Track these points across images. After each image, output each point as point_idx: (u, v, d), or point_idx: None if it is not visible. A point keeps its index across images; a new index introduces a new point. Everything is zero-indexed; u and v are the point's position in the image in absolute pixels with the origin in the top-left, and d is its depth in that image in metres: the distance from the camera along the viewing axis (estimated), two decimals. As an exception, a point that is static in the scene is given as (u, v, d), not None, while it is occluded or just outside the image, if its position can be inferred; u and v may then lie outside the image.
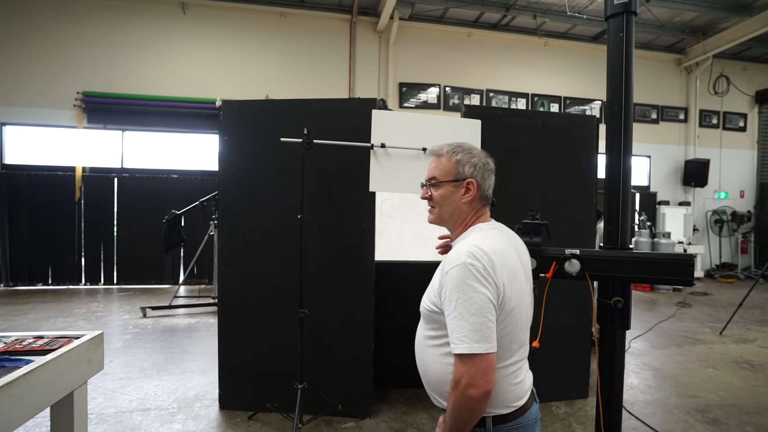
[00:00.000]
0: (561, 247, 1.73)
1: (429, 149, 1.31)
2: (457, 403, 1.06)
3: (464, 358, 1.04)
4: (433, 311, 1.16)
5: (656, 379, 3.64)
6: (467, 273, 1.07)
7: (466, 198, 1.23)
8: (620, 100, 1.74)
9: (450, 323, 1.07)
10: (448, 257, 1.15)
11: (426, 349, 1.21)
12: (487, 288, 1.07)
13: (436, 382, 1.18)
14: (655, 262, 1.67)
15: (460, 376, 1.05)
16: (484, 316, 1.05)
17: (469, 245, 1.11)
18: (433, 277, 1.23)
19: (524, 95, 8.83)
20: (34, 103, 6.99)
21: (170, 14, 7.46)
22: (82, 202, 7.04)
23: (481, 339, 1.04)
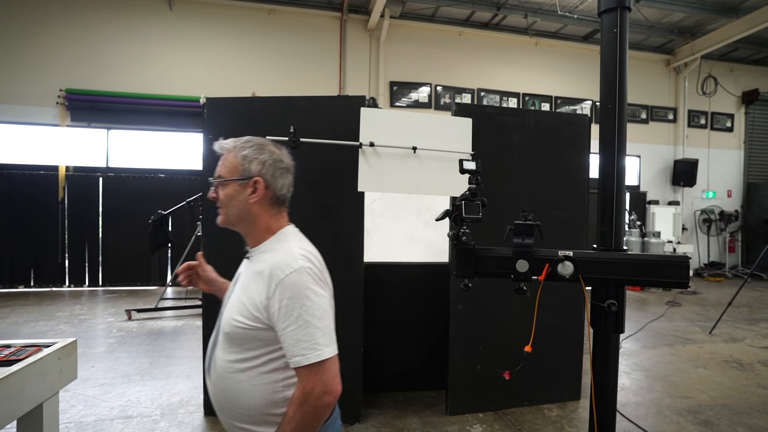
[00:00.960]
0: (554, 249, 1.68)
1: (217, 144, 1.15)
2: (307, 417, 0.99)
3: (315, 367, 0.99)
4: (252, 327, 1.03)
5: (648, 380, 3.63)
6: (307, 277, 1.02)
7: (254, 198, 1.11)
8: (614, 97, 1.69)
9: (292, 334, 0.99)
10: (274, 264, 1.03)
11: (234, 375, 1.05)
12: (324, 290, 1.06)
13: (258, 407, 1.04)
14: (650, 264, 1.62)
15: (312, 387, 0.99)
16: (328, 318, 1.05)
17: (298, 249, 1.07)
18: (246, 289, 1.07)
19: (515, 95, 8.82)
20: (15, 100, 6.79)
21: (156, 10, 7.31)
22: (65, 202, 6.87)
23: (331, 342, 1.03)
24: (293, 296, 1.00)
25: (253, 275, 1.07)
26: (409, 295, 3.22)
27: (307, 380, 0.99)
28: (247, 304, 1.05)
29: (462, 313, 2.85)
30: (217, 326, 1.14)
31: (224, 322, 1.09)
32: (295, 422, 1.00)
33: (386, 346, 3.21)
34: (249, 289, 1.06)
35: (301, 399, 1.00)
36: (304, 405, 0.99)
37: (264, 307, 1.02)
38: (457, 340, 2.84)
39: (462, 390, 2.89)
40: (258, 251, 1.13)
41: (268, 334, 1.03)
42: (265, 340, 1.04)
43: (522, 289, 1.73)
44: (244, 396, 1.05)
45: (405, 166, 2.66)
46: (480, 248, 1.76)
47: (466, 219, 1.69)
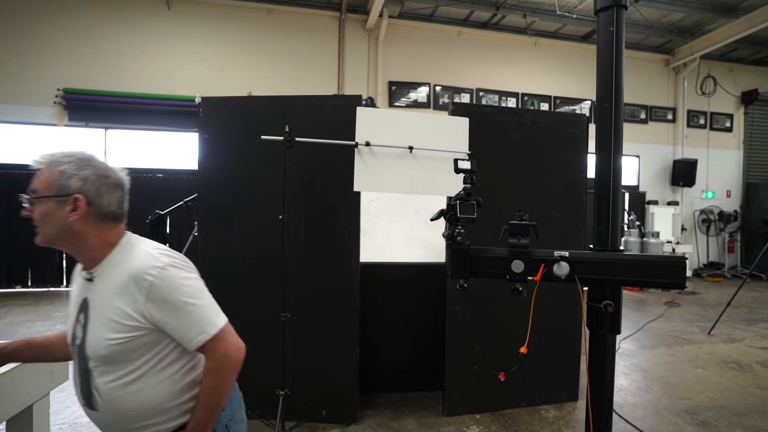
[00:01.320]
0: (550, 249, 1.67)
1: (33, 159, 1.09)
2: (226, 378, 1.09)
3: (218, 336, 1.07)
4: (133, 337, 1.03)
5: (646, 381, 3.62)
6: (174, 270, 1.06)
7: (74, 217, 1.03)
8: (610, 97, 1.68)
9: (184, 322, 1.04)
10: (136, 271, 1.02)
11: (129, 390, 1.05)
12: (195, 274, 1.12)
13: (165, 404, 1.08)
14: (647, 264, 1.61)
15: (222, 352, 1.07)
16: (207, 295, 1.11)
17: (152, 249, 1.08)
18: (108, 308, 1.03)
19: (514, 94, 8.81)
20: (13, 99, 6.77)
21: (154, 10, 7.29)
22: (63, 202, 6.84)
23: (218, 312, 1.11)
24: (170, 292, 1.03)
25: (112, 291, 1.03)
26: (406, 295, 3.21)
27: (215, 350, 1.07)
28: (117, 319, 1.02)
29: (459, 313, 2.83)
30: (81, 359, 1.08)
31: (94, 350, 1.04)
32: (216, 389, 1.09)
33: (383, 347, 3.19)
34: (113, 305, 1.03)
35: (217, 366, 1.07)
36: (221, 370, 1.08)
37: (140, 314, 1.02)
38: (453, 341, 2.83)
39: (459, 391, 2.87)
40: (103, 268, 1.07)
41: (152, 336, 1.05)
42: (151, 342, 1.06)
43: (518, 290, 1.72)
44: (147, 402, 1.06)
45: (401, 166, 2.64)
46: (475, 248, 1.74)
47: (461, 219, 1.68)
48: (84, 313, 1.07)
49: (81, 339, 1.06)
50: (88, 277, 1.08)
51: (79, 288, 1.13)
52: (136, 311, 1.02)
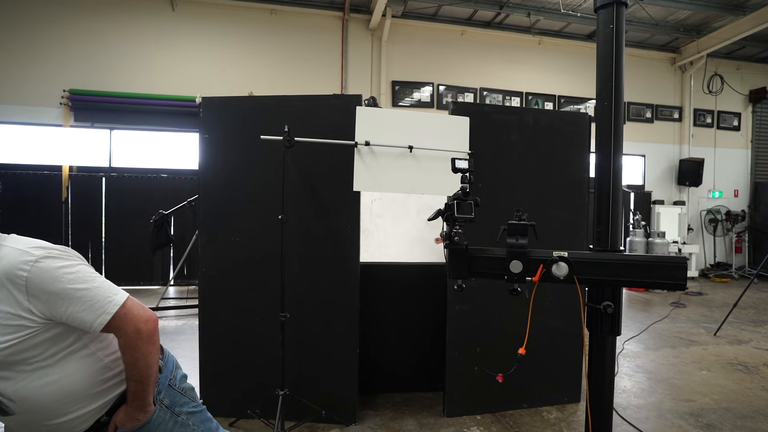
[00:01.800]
0: (549, 249, 1.65)
1: None
2: (145, 349, 1.10)
3: (120, 312, 1.06)
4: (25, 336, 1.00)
5: (650, 382, 3.58)
6: (50, 261, 1.04)
7: None
8: (610, 95, 1.66)
9: (79, 308, 1.03)
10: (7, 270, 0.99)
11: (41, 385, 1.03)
12: (78, 260, 1.10)
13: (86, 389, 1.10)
14: (647, 265, 1.59)
15: (131, 327, 1.07)
16: (99, 277, 1.09)
17: (23, 245, 1.06)
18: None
19: (518, 94, 8.76)
20: (20, 101, 6.84)
21: (159, 11, 7.34)
22: (69, 202, 6.91)
23: (117, 290, 1.10)
24: (52, 282, 1.01)
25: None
26: (407, 295, 3.20)
27: (122, 326, 1.07)
28: (1, 322, 1.00)
29: (459, 313, 2.82)
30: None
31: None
32: (139, 361, 1.10)
33: (384, 347, 3.18)
34: None
35: (129, 342, 1.08)
36: (135, 344, 1.09)
37: (27, 311, 1.00)
38: (454, 341, 2.82)
39: (459, 392, 2.86)
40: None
41: (52, 330, 1.04)
42: (52, 336, 1.05)
43: (516, 290, 1.71)
44: (67, 390, 1.07)
45: (401, 166, 2.63)
46: (473, 248, 1.73)
47: (459, 219, 1.67)
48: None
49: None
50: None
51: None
52: (21, 309, 1.00)
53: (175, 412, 1.26)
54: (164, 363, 1.28)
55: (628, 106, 9.35)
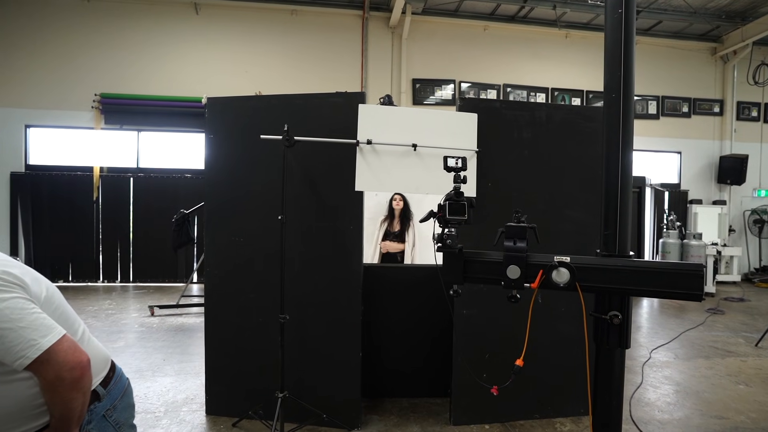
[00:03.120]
0: (549, 254, 1.53)
1: None
2: (68, 395, 1.03)
3: (42, 358, 0.98)
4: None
5: (678, 395, 3.34)
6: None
7: None
8: (618, 86, 1.52)
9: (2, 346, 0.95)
10: None
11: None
12: (13, 291, 1.00)
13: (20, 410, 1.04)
14: (658, 272, 1.44)
15: (55, 372, 1.00)
16: (30, 313, 1.00)
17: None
18: None
19: (544, 90, 8.46)
20: (55, 105, 7.19)
21: (183, 15, 7.53)
22: (99, 201, 7.21)
23: (47, 331, 1.01)
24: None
25: None
26: (415, 298, 3.11)
27: (43, 372, 1.00)
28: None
29: (467, 317, 2.71)
30: None
31: None
32: (60, 404, 1.04)
33: (391, 351, 3.11)
34: None
35: (48, 386, 1.02)
36: (56, 389, 1.02)
37: None
38: (461, 346, 2.71)
39: (467, 399, 2.75)
40: None
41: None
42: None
43: (515, 297, 1.60)
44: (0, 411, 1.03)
45: (405, 165, 2.55)
46: (468, 252, 1.63)
47: (451, 220, 1.57)
48: None
49: None
50: None
51: None
52: None
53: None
54: (106, 392, 1.21)
55: (662, 100, 8.85)
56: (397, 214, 3.92)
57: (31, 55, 7.18)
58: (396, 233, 3.79)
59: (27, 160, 7.29)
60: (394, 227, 3.83)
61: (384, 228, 3.80)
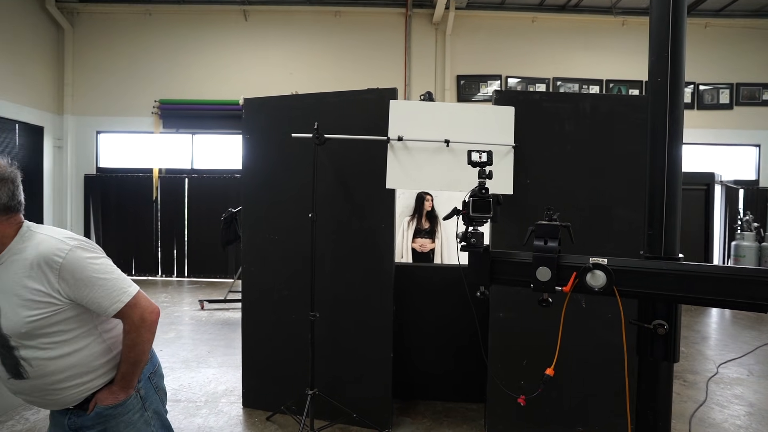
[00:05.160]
0: (585, 255, 1.41)
1: None
2: (145, 336, 1.26)
3: (131, 302, 1.23)
4: (52, 312, 1.15)
5: (750, 418, 2.98)
6: (80, 252, 1.18)
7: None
8: (665, 70, 1.36)
9: (98, 294, 1.18)
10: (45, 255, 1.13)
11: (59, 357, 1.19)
12: (102, 254, 1.25)
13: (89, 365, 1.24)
14: (713, 278, 1.27)
15: (137, 316, 1.24)
16: (116, 270, 1.25)
17: (57, 235, 1.19)
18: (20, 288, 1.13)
19: (597, 82, 7.95)
20: (121, 112, 7.81)
21: (233, 22, 7.88)
22: (158, 201, 7.73)
23: (129, 283, 1.26)
24: (80, 270, 1.16)
25: (23, 274, 1.14)
26: (449, 298, 3.01)
27: (131, 315, 1.23)
28: (33, 298, 1.14)
29: (503, 321, 2.58)
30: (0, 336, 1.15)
31: (12, 328, 1.14)
32: (137, 346, 1.26)
33: (426, 353, 3.04)
34: (27, 287, 1.13)
35: (133, 327, 1.24)
36: (138, 330, 1.25)
37: (56, 291, 1.15)
38: (497, 352, 2.58)
39: (503, 407, 2.62)
40: (8, 255, 1.16)
41: (71, 310, 1.19)
42: (72, 316, 1.20)
43: (547, 301, 1.49)
44: (75, 363, 1.22)
45: (437, 161, 2.47)
46: (496, 252, 1.54)
47: (475, 218, 1.49)
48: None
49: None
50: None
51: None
52: (51, 289, 1.14)
53: (145, 407, 1.36)
54: (150, 356, 1.38)
55: (736, 88, 8.00)
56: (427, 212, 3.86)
57: (102, 68, 7.84)
58: (427, 230, 3.72)
59: (98, 163, 7.98)
60: (424, 225, 3.75)
61: (413, 227, 3.73)
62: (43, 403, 1.28)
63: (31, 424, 2.69)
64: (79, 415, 1.28)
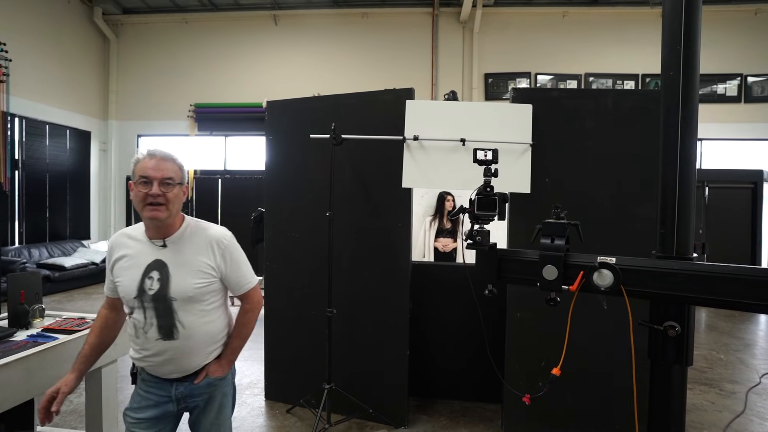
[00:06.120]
0: (591, 254, 1.38)
1: (155, 151, 1.40)
2: (257, 315, 1.52)
3: (255, 286, 1.52)
4: (210, 283, 1.40)
5: (790, 430, 2.80)
6: (234, 240, 1.49)
7: (184, 198, 1.43)
8: (678, 63, 1.32)
9: (241, 274, 1.47)
10: (215, 237, 1.42)
11: (206, 322, 1.40)
12: None
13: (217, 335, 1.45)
14: (727, 279, 1.22)
15: (258, 298, 1.52)
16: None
17: (218, 226, 1.49)
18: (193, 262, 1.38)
19: (632, 77, 7.64)
20: (160, 116, 8.23)
21: (264, 27, 8.13)
22: (193, 201, 8.08)
23: (254, 273, 1.54)
24: (235, 252, 1.46)
25: (197, 250, 1.40)
26: (471, 297, 3.00)
27: (252, 296, 1.51)
28: (202, 269, 1.39)
29: (521, 321, 2.55)
30: (160, 302, 1.35)
31: (181, 293, 1.36)
32: (250, 324, 1.51)
33: (445, 351, 3.04)
34: (199, 260, 1.39)
35: (251, 307, 1.50)
36: (254, 310, 1.51)
37: (217, 266, 1.41)
38: (514, 352, 2.55)
39: (520, 408, 2.58)
40: (177, 237, 1.40)
41: (219, 284, 1.44)
42: (218, 289, 1.44)
43: (554, 300, 1.48)
44: (212, 331, 1.42)
45: (453, 161, 2.48)
46: (503, 250, 1.54)
47: (481, 216, 1.50)
48: (159, 270, 1.36)
49: (158, 288, 1.35)
50: (161, 244, 1.39)
51: (143, 253, 1.39)
52: (214, 264, 1.41)
53: (232, 387, 1.56)
54: None
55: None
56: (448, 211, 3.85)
57: (142, 75, 8.30)
58: (449, 230, 3.71)
59: (138, 165, 8.43)
60: (446, 225, 3.75)
61: (435, 226, 3.74)
62: (175, 366, 1.39)
63: (74, 406, 2.90)
64: (186, 385, 1.41)
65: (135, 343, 1.41)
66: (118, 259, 1.39)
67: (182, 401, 1.42)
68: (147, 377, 1.43)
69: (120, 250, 1.40)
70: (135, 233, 1.42)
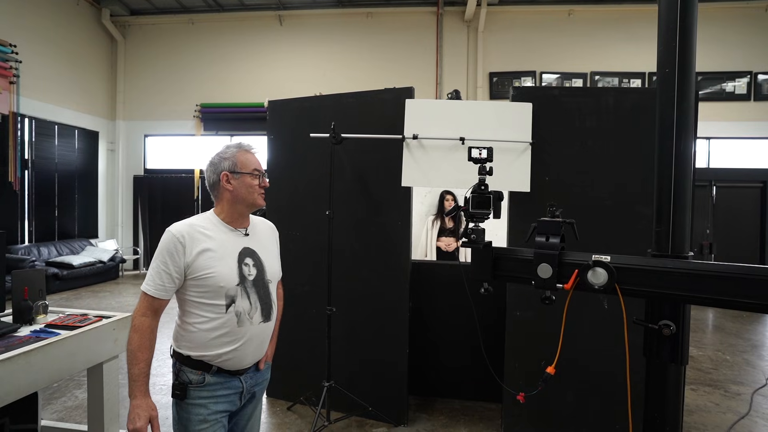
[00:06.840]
0: (588, 252, 1.38)
1: (252, 146, 1.50)
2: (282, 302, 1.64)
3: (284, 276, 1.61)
4: None
5: (796, 432, 2.76)
6: None
7: None
8: (673, 60, 1.31)
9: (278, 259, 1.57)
10: (271, 227, 1.58)
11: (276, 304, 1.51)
12: None
13: None
14: (721, 277, 1.21)
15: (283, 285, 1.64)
16: None
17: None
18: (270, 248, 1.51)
19: (639, 75, 7.56)
20: (166, 116, 8.30)
21: (268, 27, 8.17)
22: (199, 200, 8.15)
23: None
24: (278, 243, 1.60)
25: (268, 239, 1.52)
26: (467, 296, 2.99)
27: (282, 284, 1.61)
28: (276, 254, 1.55)
29: (520, 320, 2.54)
30: (260, 285, 1.42)
31: (275, 274, 1.50)
32: (280, 311, 1.58)
33: (445, 351, 3.04)
34: (272, 246, 1.54)
35: (281, 294, 1.60)
36: (282, 298, 1.61)
37: (279, 252, 1.58)
38: (513, 351, 2.55)
39: (520, 408, 2.58)
40: (252, 227, 1.48)
41: None
42: None
43: (549, 299, 1.48)
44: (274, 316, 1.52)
45: (452, 159, 2.48)
46: (499, 248, 1.54)
47: (475, 214, 1.50)
48: (251, 256, 1.43)
49: (256, 273, 1.42)
50: (245, 233, 1.45)
51: (230, 242, 1.40)
52: (277, 250, 1.57)
53: None
54: None
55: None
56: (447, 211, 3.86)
57: (149, 75, 8.38)
58: (451, 229, 3.71)
59: (145, 165, 8.53)
60: (447, 224, 3.75)
61: (437, 226, 3.73)
62: (261, 349, 1.44)
63: (79, 401, 2.95)
64: (251, 374, 1.43)
65: (227, 336, 1.32)
66: (202, 252, 1.32)
67: (247, 393, 1.42)
68: (213, 380, 1.33)
69: (200, 243, 1.33)
70: (206, 225, 1.37)
